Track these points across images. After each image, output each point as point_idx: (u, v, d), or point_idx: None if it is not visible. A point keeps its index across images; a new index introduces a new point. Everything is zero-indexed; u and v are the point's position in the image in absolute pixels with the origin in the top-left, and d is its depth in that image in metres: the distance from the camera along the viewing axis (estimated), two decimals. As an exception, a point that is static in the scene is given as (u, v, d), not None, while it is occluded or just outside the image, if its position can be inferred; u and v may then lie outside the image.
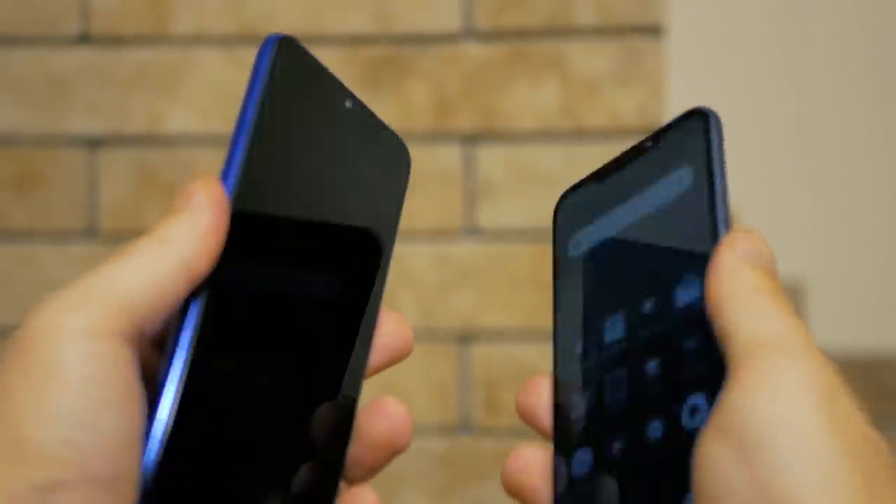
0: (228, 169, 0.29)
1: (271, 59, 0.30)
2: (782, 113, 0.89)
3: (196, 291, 0.28)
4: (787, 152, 0.89)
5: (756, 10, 0.89)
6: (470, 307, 0.89)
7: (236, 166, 0.29)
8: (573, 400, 0.33)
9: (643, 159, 0.34)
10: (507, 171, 0.88)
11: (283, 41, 0.31)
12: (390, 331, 0.34)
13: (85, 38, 0.91)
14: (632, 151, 0.34)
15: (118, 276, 0.27)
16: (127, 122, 0.91)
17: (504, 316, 0.89)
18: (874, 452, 0.25)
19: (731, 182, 0.31)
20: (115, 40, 0.91)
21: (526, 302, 0.89)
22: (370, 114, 0.34)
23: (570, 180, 0.37)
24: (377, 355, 0.33)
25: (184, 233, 0.28)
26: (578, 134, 0.88)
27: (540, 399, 0.34)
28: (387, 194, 0.35)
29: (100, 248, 0.91)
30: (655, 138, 0.33)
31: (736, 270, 0.28)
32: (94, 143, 0.91)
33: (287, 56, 0.31)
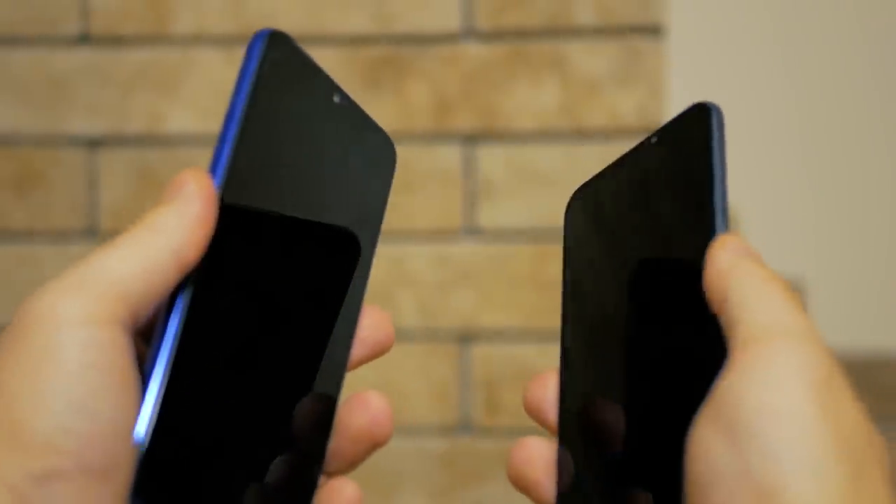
0: (217, 161, 0.29)
1: (261, 53, 0.30)
2: (782, 113, 0.89)
3: (183, 281, 0.28)
4: (787, 152, 0.89)
5: (756, 10, 0.89)
6: (470, 307, 0.89)
7: (224, 159, 0.29)
8: (578, 393, 0.33)
9: (648, 154, 0.34)
10: (507, 171, 0.88)
11: (274, 36, 0.31)
12: (372, 324, 0.34)
13: (85, 38, 0.91)
14: (637, 147, 0.35)
15: (112, 265, 0.27)
16: (127, 122, 0.91)
17: (504, 316, 0.89)
18: (865, 443, 0.25)
19: (731, 182, 0.32)
20: (115, 40, 0.91)
21: (526, 302, 0.89)
22: (358, 109, 0.34)
23: (571, 180, 0.37)
24: (359, 349, 0.34)
25: (173, 222, 0.28)
26: (578, 134, 0.88)
27: (546, 393, 0.34)
28: (372, 190, 0.35)
29: (100, 248, 0.91)
30: (660, 133, 0.34)
31: (739, 263, 0.28)
32: (93, 143, 0.91)
33: (277, 51, 0.31)
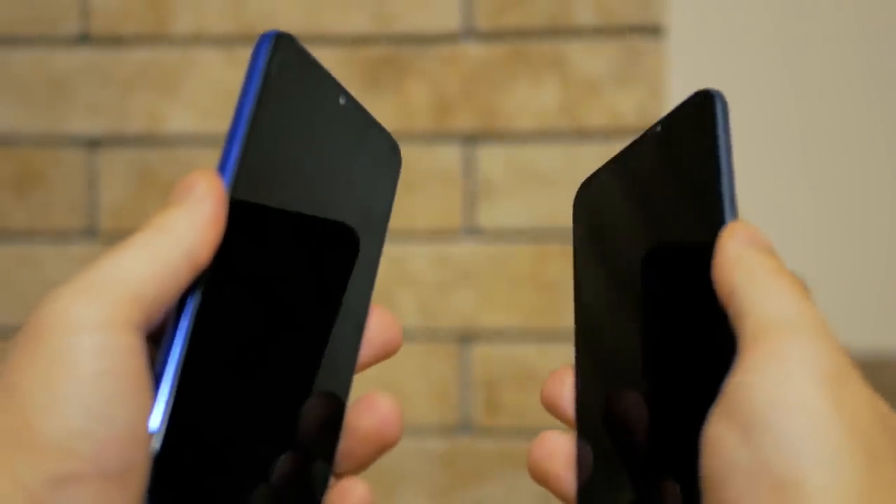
0: (225, 161, 0.29)
1: (268, 54, 0.30)
2: (782, 112, 0.89)
3: (193, 283, 0.28)
4: (787, 152, 0.89)
5: (757, 10, 0.89)
6: (470, 307, 0.89)
7: (233, 159, 0.29)
8: (595, 387, 0.33)
9: (653, 144, 0.34)
10: (507, 171, 0.88)
11: (280, 37, 0.31)
12: (379, 326, 0.34)
13: (85, 38, 0.91)
14: (642, 137, 0.35)
15: (125, 267, 0.26)
16: (127, 122, 0.91)
17: (504, 316, 0.89)
18: (881, 434, 0.25)
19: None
20: (115, 40, 0.91)
21: (526, 302, 0.89)
22: (363, 111, 0.34)
23: (571, 180, 0.37)
24: (367, 350, 0.33)
25: (185, 223, 0.28)
26: (578, 134, 0.87)
27: (563, 390, 0.34)
28: (378, 192, 0.35)
29: (100, 249, 0.91)
30: (664, 122, 0.34)
31: (747, 254, 0.28)
32: (93, 143, 0.91)
33: (283, 52, 0.31)
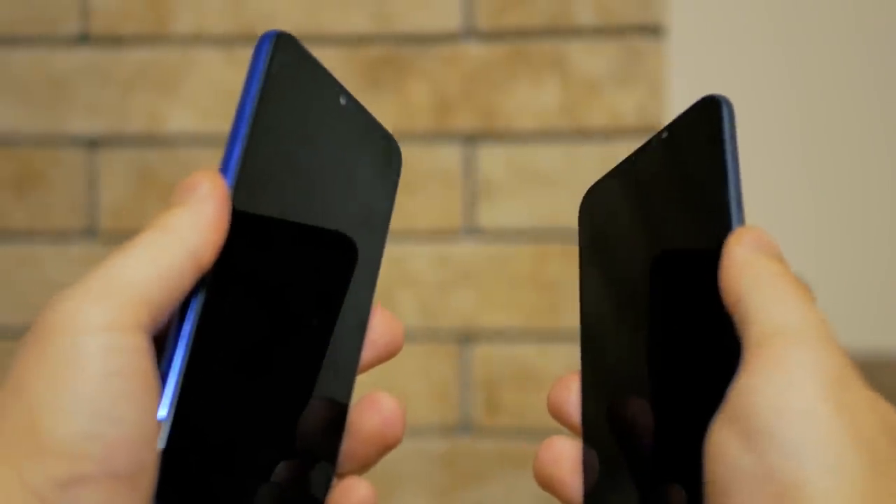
0: (228, 161, 0.29)
1: (269, 54, 0.30)
2: (783, 113, 0.89)
3: (196, 284, 0.28)
4: (788, 152, 0.89)
5: (757, 10, 0.89)
6: (470, 307, 0.89)
7: (235, 159, 0.29)
8: (601, 393, 0.33)
9: (659, 150, 0.34)
10: (507, 171, 0.88)
11: (281, 37, 0.31)
12: (381, 328, 0.34)
13: (85, 38, 0.91)
14: (647, 143, 0.35)
15: (131, 269, 0.26)
16: (127, 122, 0.91)
17: (504, 316, 0.89)
18: (884, 438, 0.25)
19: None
20: (115, 40, 0.91)
21: (526, 302, 0.89)
22: (364, 112, 0.34)
23: (571, 180, 0.37)
24: (369, 352, 0.33)
25: (188, 224, 0.27)
26: (579, 134, 0.87)
27: (569, 395, 0.34)
28: (379, 192, 0.35)
29: (99, 248, 0.91)
30: (670, 128, 0.34)
31: (753, 260, 0.28)
32: (93, 143, 0.91)
33: (284, 52, 0.31)
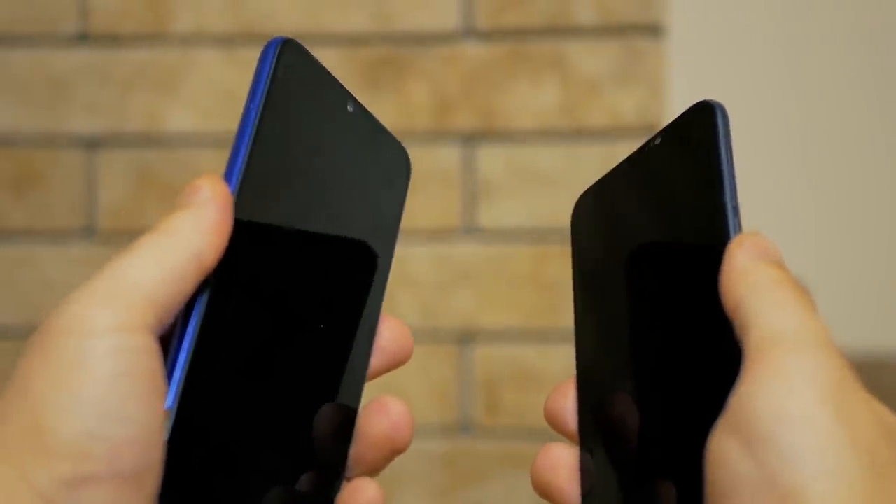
0: (232, 166, 0.29)
1: (274, 61, 0.30)
2: (783, 113, 0.89)
3: (199, 287, 0.28)
4: (788, 152, 0.89)
5: (758, 10, 0.89)
6: (470, 307, 0.89)
7: (239, 166, 0.29)
8: (597, 400, 0.33)
9: (653, 156, 0.34)
10: (507, 171, 0.88)
11: (287, 44, 0.31)
12: (390, 335, 0.34)
13: (84, 38, 0.91)
14: (641, 149, 0.35)
15: (137, 270, 0.27)
16: (126, 122, 0.91)
17: (504, 316, 0.89)
18: (884, 442, 0.25)
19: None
20: (114, 40, 0.91)
21: (526, 302, 0.89)
22: (371, 118, 0.34)
23: (571, 180, 0.37)
24: (378, 359, 0.33)
25: (191, 226, 0.28)
26: (578, 134, 0.87)
27: (566, 402, 0.34)
28: (387, 199, 0.35)
29: (99, 249, 0.90)
30: (664, 134, 0.34)
31: (753, 266, 0.28)
32: (93, 143, 0.91)
33: (290, 59, 0.31)
